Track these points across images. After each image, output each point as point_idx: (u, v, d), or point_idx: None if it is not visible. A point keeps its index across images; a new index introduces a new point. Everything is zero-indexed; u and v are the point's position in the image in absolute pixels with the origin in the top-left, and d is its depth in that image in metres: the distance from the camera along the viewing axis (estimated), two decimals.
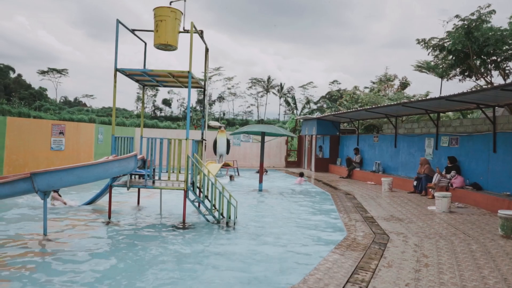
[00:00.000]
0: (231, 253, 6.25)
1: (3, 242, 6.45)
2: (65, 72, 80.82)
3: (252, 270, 5.53)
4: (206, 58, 9.83)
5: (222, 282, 5.02)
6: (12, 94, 62.80)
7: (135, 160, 7.52)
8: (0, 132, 13.17)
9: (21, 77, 75.32)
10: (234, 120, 69.80)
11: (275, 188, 14.89)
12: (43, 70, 78.63)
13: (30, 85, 72.81)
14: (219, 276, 5.23)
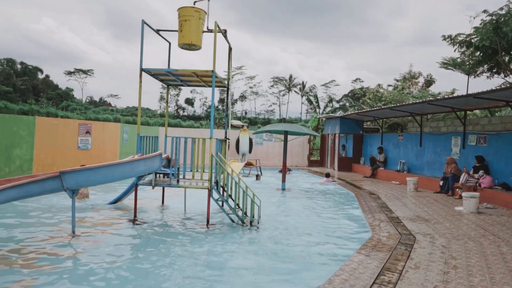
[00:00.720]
0: (255, 253, 6.26)
1: (32, 240, 6.63)
2: (91, 73, 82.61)
3: (276, 269, 5.53)
4: (229, 57, 9.85)
5: (245, 281, 5.03)
6: (40, 94, 64.55)
7: (160, 159, 7.61)
8: (30, 132, 13.55)
9: (49, 77, 77.36)
10: (256, 119, 69.88)
11: (299, 187, 14.84)
12: (69, 71, 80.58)
13: (57, 86, 74.72)
14: (243, 275, 5.25)
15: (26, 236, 6.79)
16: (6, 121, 12.83)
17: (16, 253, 5.82)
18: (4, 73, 66.22)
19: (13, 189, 6.32)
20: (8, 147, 12.75)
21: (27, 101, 49.11)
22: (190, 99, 79.92)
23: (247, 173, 19.38)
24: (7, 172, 12.66)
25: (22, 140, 13.25)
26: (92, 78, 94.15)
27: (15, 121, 13.20)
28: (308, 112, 76.54)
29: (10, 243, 6.31)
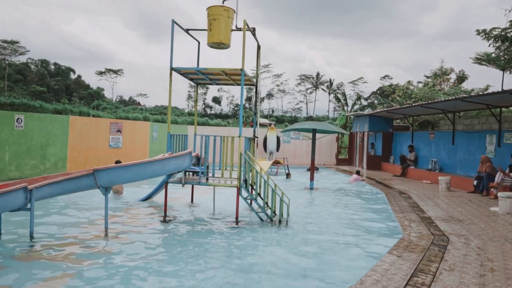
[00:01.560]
0: (284, 251, 6.25)
1: (66, 236, 6.82)
2: (121, 72, 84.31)
3: (306, 269, 5.50)
4: (258, 56, 9.86)
5: (275, 280, 5.02)
6: (72, 94, 66.44)
7: (190, 157, 7.69)
8: (64, 131, 13.96)
9: (81, 77, 79.51)
10: (283, 117, 69.67)
11: (327, 186, 14.71)
12: (100, 71, 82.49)
13: (88, 85, 76.70)
14: (273, 274, 5.24)
15: (62, 232, 7.00)
16: (42, 120, 13.27)
17: (53, 248, 6.00)
18: (39, 74, 68.50)
19: (50, 186, 6.54)
20: (44, 146, 13.19)
21: (60, 100, 50.66)
22: (217, 98, 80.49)
23: (275, 171, 19.35)
24: (42, 169, 13.10)
25: (57, 138, 13.67)
26: (122, 77, 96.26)
27: (50, 120, 13.63)
28: (336, 110, 75.74)
29: (47, 239, 6.52)
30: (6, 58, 66.40)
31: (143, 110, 58.62)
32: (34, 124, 12.83)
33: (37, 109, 25.63)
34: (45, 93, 60.61)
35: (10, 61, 66.57)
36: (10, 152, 12.09)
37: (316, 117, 69.31)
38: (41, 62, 73.63)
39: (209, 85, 10.48)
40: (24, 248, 5.99)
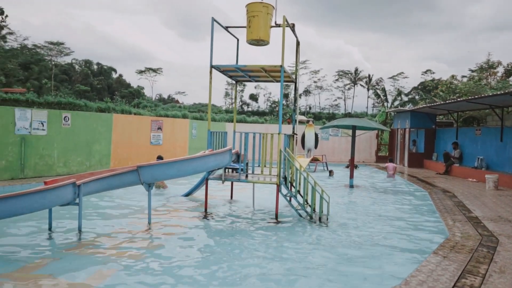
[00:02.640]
0: (325, 249, 6.18)
1: (112, 231, 7.05)
2: (160, 71, 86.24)
3: (347, 268, 5.41)
4: (297, 52, 9.79)
5: (315, 279, 4.97)
6: (114, 93, 68.59)
7: (230, 154, 7.75)
8: (108, 128, 14.44)
9: (122, 77, 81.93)
10: (320, 114, 69.01)
11: (367, 184, 14.44)
12: (140, 70, 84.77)
13: (129, 84, 78.91)
14: (312, 273, 5.19)
15: (107, 226, 7.24)
16: (87, 119, 13.78)
17: (99, 242, 6.22)
18: (83, 74, 71.15)
19: (97, 181, 6.77)
20: (89, 143, 13.69)
21: (103, 99, 52.42)
22: (254, 95, 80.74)
23: (313, 169, 19.19)
24: (88, 166, 13.60)
25: (101, 136, 14.15)
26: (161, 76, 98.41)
27: (95, 119, 14.13)
28: (375, 106, 74.21)
29: (94, 232, 6.77)
30: (53, 59, 69.38)
31: (181, 108, 59.69)
32: (80, 122, 13.34)
33: (82, 108, 26.66)
34: (88, 92, 62.92)
35: (56, 62, 69.52)
36: (58, 149, 12.63)
37: (355, 114, 68.16)
38: (85, 63, 76.42)
39: (248, 82, 10.52)
40: (73, 241, 6.24)
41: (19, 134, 11.48)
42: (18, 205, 5.83)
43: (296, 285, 4.80)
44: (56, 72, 65.20)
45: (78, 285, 4.57)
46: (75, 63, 75.23)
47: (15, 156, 11.42)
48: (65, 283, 4.60)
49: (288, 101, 68.70)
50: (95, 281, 4.67)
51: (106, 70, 78.27)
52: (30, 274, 4.82)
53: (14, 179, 11.36)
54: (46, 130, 12.22)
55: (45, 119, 12.16)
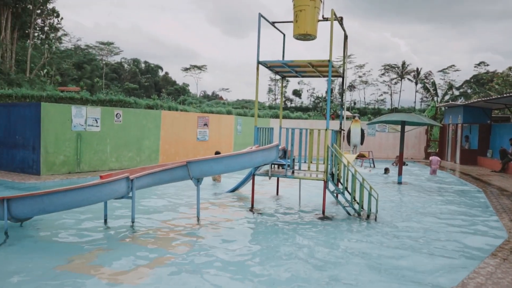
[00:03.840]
0: (374, 248, 6.04)
1: (162, 223, 7.24)
2: (204, 68, 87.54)
3: (397, 268, 5.25)
4: (345, 46, 9.61)
5: (363, 278, 4.85)
6: (161, 90, 70.44)
7: (277, 150, 7.74)
8: (156, 124, 14.85)
9: (168, 74, 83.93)
10: (366, 109, 67.48)
11: (416, 181, 13.97)
12: (186, 67, 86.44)
13: (175, 82, 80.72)
14: (360, 272, 5.08)
15: (159, 219, 7.45)
16: (137, 115, 14.24)
17: (151, 234, 6.42)
18: (131, 72, 73.61)
19: (148, 176, 6.98)
20: (139, 139, 14.14)
21: (150, 96, 54.00)
22: (297, 91, 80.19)
23: (359, 165, 18.82)
24: (138, 161, 14.06)
25: (150, 132, 14.58)
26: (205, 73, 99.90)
27: (144, 115, 14.57)
28: (423, 101, 71.56)
29: (146, 225, 6.99)
30: (103, 59, 72.30)
31: (225, 104, 60.36)
32: (130, 118, 13.81)
33: (131, 105, 27.60)
34: (137, 90, 65.01)
35: (106, 61, 72.42)
36: (111, 145, 13.14)
37: (401, 109, 66.14)
38: (133, 61, 78.97)
39: (295, 77, 10.44)
40: (126, 233, 6.47)
41: (75, 130, 12.05)
42: (77, 198, 6.12)
43: (345, 285, 4.72)
44: (106, 71, 67.90)
45: (130, 274, 4.74)
46: (124, 62, 78.01)
47: (72, 151, 12.00)
48: (118, 272, 4.79)
49: (332, 97, 67.72)
50: (146, 272, 4.83)
51: (153, 68, 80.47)
52: (87, 265, 5.05)
53: (71, 173, 11.95)
54: (100, 126, 12.74)
55: (98, 116, 12.69)
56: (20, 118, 11.80)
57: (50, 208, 6.16)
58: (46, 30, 50.15)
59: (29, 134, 11.52)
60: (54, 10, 48.67)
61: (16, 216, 6.20)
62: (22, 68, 44.64)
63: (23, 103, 13.49)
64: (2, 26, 41.52)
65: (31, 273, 4.70)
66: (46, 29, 50.10)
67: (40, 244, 5.86)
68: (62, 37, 56.83)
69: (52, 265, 4.93)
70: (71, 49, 64.94)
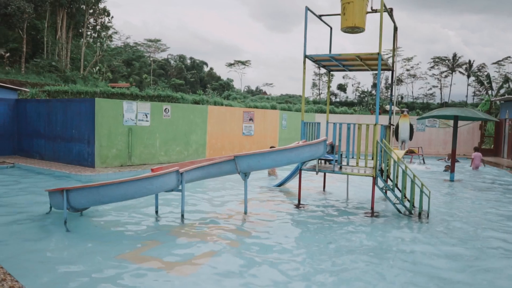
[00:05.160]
0: (426, 250, 5.79)
1: (210, 216, 7.37)
2: (248, 63, 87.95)
3: (452, 272, 5.00)
4: (394, 38, 9.33)
5: (412, 280, 4.69)
6: (206, 85, 71.56)
7: (325, 145, 7.64)
8: (203, 119, 15.11)
9: (213, 70, 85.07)
10: (413, 104, 65.21)
11: (469, 179, 13.36)
12: (230, 63, 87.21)
13: (219, 77, 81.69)
14: (410, 272, 4.93)
15: (207, 212, 7.60)
16: (185, 110, 14.55)
17: (199, 227, 6.55)
18: (177, 68, 75.28)
19: (197, 170, 7.12)
20: (187, 133, 14.46)
21: (196, 92, 55.02)
22: (342, 85, 78.82)
23: (408, 161, 18.25)
24: (186, 155, 14.39)
25: (197, 127, 14.87)
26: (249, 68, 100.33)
27: (192, 110, 14.87)
28: (476, 95, 68.24)
29: (195, 218, 7.14)
30: (151, 55, 74.38)
31: (269, 99, 60.39)
32: (178, 113, 14.13)
33: (178, 100, 28.25)
34: (183, 85, 66.41)
35: (154, 57, 74.44)
36: (160, 139, 13.52)
37: (452, 103, 63.39)
38: (179, 57, 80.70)
39: (341, 71, 10.26)
40: (176, 226, 6.65)
41: (126, 125, 12.49)
42: (130, 190, 6.35)
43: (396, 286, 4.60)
44: (154, 67, 69.81)
45: (180, 266, 4.87)
46: (170, 58, 79.92)
47: (123, 145, 12.46)
48: (169, 263, 4.94)
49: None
50: (195, 264, 4.95)
51: (198, 64, 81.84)
52: (139, 255, 5.23)
53: (123, 166, 12.42)
54: (150, 121, 13.14)
55: (148, 111, 13.08)
56: (76, 113, 12.39)
57: (105, 199, 6.44)
58: (98, 29, 52.32)
59: (84, 128, 12.07)
60: (105, 10, 50.63)
61: (74, 206, 6.53)
62: (76, 66, 46.82)
63: (79, 99, 14.15)
64: (58, 26, 43.72)
65: (91, 261, 4.94)
66: (98, 28, 52.25)
67: (96, 234, 6.14)
68: (112, 35, 59.00)
69: (108, 254, 5.15)
70: (121, 46, 67.28)
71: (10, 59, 39.91)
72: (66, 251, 5.27)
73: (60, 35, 43.90)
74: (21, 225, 6.37)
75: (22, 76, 36.13)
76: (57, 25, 43.76)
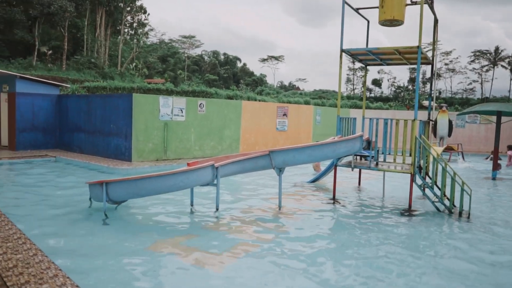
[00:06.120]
0: (466, 251, 5.57)
1: (244, 211, 7.40)
2: (281, 59, 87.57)
3: (494, 275, 4.77)
4: (435, 30, 9.04)
5: (452, 284, 4.53)
6: (239, 81, 71.86)
7: (361, 141, 7.51)
8: (237, 115, 15.18)
9: (246, 65, 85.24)
10: (452, 99, 63.06)
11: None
12: (263, 58, 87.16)
13: (252, 73, 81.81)
14: (450, 273, 4.75)
15: (241, 207, 7.63)
16: (219, 105, 14.67)
17: (233, 221, 6.59)
18: (211, 64, 75.93)
19: (232, 164, 7.16)
20: (221, 128, 14.57)
21: (229, 87, 55.34)
22: (377, 80, 77.20)
23: (447, 159, 17.69)
24: (219, 150, 14.51)
25: (232, 122, 14.95)
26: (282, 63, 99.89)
27: (226, 105, 14.96)
28: None
29: (229, 212, 7.19)
30: (185, 52, 75.38)
31: (302, 94, 59.96)
32: (213, 108, 14.26)
33: (212, 96, 28.50)
34: (216, 81, 66.97)
35: (188, 54, 75.42)
36: (195, 134, 13.70)
37: (493, 98, 60.92)
38: (213, 53, 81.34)
39: (379, 65, 10.04)
40: (211, 219, 6.71)
41: (162, 120, 12.72)
42: (167, 184, 6.47)
43: None
44: (188, 63, 70.75)
45: (214, 260, 4.91)
46: (204, 54, 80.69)
47: (159, 139, 12.70)
48: (203, 257, 4.99)
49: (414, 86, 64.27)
50: (229, 258, 4.97)
51: (232, 59, 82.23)
52: (174, 248, 5.32)
53: (158, 160, 12.67)
54: (185, 116, 13.33)
55: (184, 106, 13.26)
56: (114, 108, 12.72)
57: (142, 192, 6.58)
58: (134, 26, 53.48)
59: (122, 123, 12.38)
60: (142, 7, 51.67)
61: (113, 199, 6.71)
62: (114, 62, 48.09)
63: (117, 94, 14.55)
64: (97, 24, 45.05)
65: (126, 250, 5.07)
66: (135, 25, 53.41)
67: (133, 226, 6.30)
68: (148, 32, 60.21)
69: (143, 245, 5.27)
70: (157, 43, 68.60)
71: (52, 56, 41.48)
72: (104, 243, 5.42)
73: (99, 32, 45.22)
74: (62, 217, 6.60)
75: (63, 73, 37.47)
76: (96, 23, 45.09)
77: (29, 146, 14.30)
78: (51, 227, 5.97)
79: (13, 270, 4.03)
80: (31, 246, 4.77)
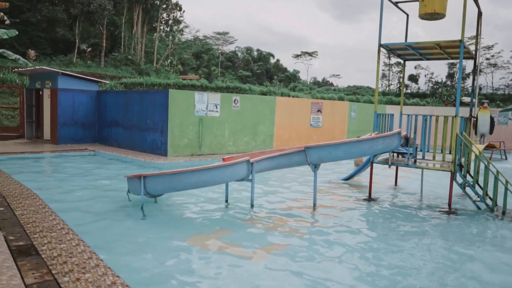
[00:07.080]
0: (509, 250, 5.38)
1: (279, 207, 7.39)
2: (315, 55, 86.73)
3: None
4: (478, 24, 8.69)
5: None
6: (272, 77, 71.76)
7: (399, 138, 7.33)
8: (271, 110, 15.17)
9: (279, 61, 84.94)
10: (493, 95, 60.55)
11: None
12: (296, 54, 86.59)
13: (286, 69, 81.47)
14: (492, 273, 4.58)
15: (276, 202, 7.64)
16: (253, 101, 14.70)
17: (268, 217, 6.60)
18: (244, 60, 76.16)
19: (267, 160, 7.17)
20: (255, 124, 14.61)
21: (262, 83, 55.39)
22: (414, 76, 75.11)
23: (489, 156, 17.02)
24: (253, 146, 14.56)
25: (265, 117, 14.96)
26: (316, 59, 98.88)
27: (260, 101, 14.98)
28: None
29: (264, 208, 7.21)
30: (219, 48, 75.99)
31: (336, 90, 59.23)
32: (247, 104, 14.31)
33: (246, 92, 28.63)
34: (249, 77, 67.12)
35: (222, 50, 76.01)
36: (229, 129, 13.80)
37: None
38: (246, 50, 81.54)
39: (418, 60, 9.76)
40: (245, 215, 6.74)
41: (197, 115, 12.89)
42: (203, 178, 6.55)
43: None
44: (222, 60, 71.26)
45: (249, 256, 4.94)
46: (238, 51, 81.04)
47: (194, 135, 12.88)
48: (238, 252, 5.03)
49: (453, 82, 62.21)
50: (263, 255, 4.98)
51: (265, 55, 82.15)
52: (208, 242, 5.38)
53: (193, 155, 12.85)
54: (219, 112, 13.44)
55: (218, 102, 13.38)
56: (150, 104, 12.99)
57: (179, 186, 6.69)
58: (170, 23, 54.38)
59: (158, 118, 12.63)
60: (177, 4, 52.46)
61: (150, 192, 6.85)
62: (149, 59, 49.12)
63: (153, 90, 14.85)
64: (134, 22, 46.12)
65: (164, 243, 5.18)
66: (170, 22, 54.31)
67: (169, 220, 6.41)
68: (183, 29, 61.09)
69: (180, 239, 5.36)
70: (191, 40, 69.50)
71: (91, 53, 42.82)
72: (142, 237, 5.54)
73: (136, 30, 46.29)
74: (101, 209, 6.80)
75: (102, 69, 38.63)
76: (133, 20, 46.17)
77: (70, 140, 14.81)
78: (91, 218, 6.17)
79: (58, 259, 4.19)
80: (73, 236, 4.94)
